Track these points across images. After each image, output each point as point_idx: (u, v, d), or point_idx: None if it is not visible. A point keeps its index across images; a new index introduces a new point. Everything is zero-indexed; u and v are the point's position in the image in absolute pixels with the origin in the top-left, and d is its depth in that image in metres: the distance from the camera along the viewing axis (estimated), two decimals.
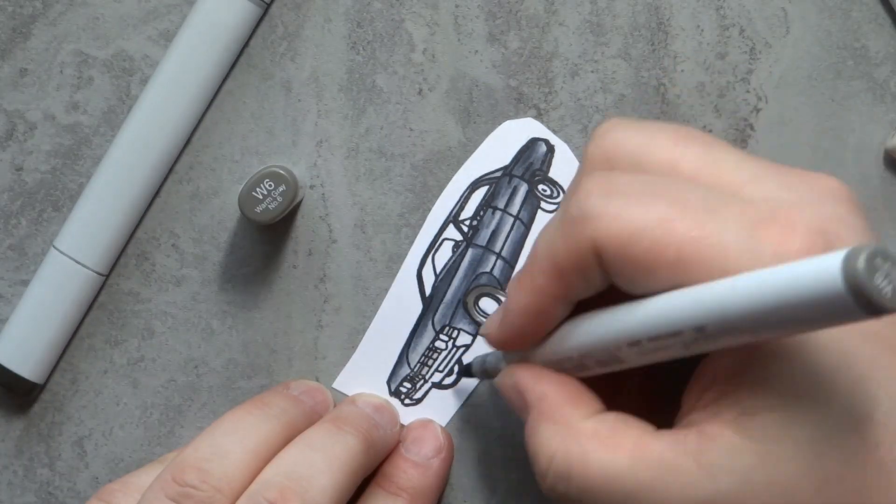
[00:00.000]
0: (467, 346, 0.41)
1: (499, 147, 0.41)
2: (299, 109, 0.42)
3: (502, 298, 0.41)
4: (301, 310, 0.42)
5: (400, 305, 0.41)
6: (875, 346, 0.28)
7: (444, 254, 0.41)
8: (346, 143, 0.42)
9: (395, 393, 0.41)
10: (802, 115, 0.41)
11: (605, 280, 0.30)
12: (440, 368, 0.41)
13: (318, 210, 0.42)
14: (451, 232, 0.41)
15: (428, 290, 0.41)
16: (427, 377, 0.41)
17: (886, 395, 0.28)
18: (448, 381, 0.41)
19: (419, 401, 0.41)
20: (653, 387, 0.36)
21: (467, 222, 0.41)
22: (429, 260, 0.41)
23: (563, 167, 0.41)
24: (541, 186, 0.41)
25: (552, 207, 0.41)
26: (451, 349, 0.41)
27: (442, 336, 0.41)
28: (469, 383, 0.41)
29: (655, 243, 0.28)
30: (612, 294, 0.31)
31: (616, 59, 0.41)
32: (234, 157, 0.42)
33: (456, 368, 0.41)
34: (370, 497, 0.38)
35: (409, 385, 0.41)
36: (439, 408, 0.41)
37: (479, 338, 0.41)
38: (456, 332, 0.41)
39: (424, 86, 0.41)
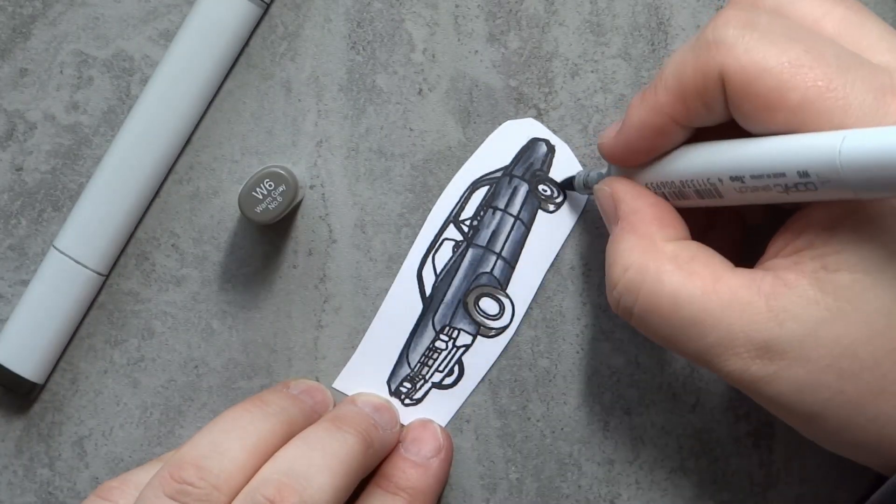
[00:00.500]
0: (467, 346, 0.41)
1: (499, 147, 0.41)
2: (299, 109, 0.42)
3: (502, 298, 0.41)
4: (301, 310, 0.42)
5: (400, 305, 0.41)
6: None
7: (445, 254, 0.41)
8: (346, 143, 0.42)
9: (396, 393, 0.41)
10: None
11: (724, 112, 0.31)
12: (440, 368, 0.41)
13: (318, 210, 0.42)
14: (452, 232, 0.41)
15: (428, 290, 0.41)
16: (427, 377, 0.41)
17: None
18: (448, 380, 0.41)
19: (419, 401, 0.41)
20: (739, 236, 0.36)
21: (468, 222, 0.41)
22: (429, 260, 0.41)
23: (564, 167, 0.41)
24: (541, 187, 0.41)
25: (553, 208, 0.41)
26: (452, 349, 0.41)
27: (442, 336, 0.41)
28: (468, 383, 0.41)
29: (782, 84, 0.29)
30: (727, 135, 0.31)
31: (616, 59, 0.41)
32: (234, 157, 0.42)
33: (559, 180, 0.41)
34: (369, 496, 0.38)
35: (409, 385, 0.41)
36: (439, 408, 0.41)
37: (478, 338, 0.41)
38: (456, 332, 0.41)
39: (424, 86, 0.41)
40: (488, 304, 0.41)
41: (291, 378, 0.41)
